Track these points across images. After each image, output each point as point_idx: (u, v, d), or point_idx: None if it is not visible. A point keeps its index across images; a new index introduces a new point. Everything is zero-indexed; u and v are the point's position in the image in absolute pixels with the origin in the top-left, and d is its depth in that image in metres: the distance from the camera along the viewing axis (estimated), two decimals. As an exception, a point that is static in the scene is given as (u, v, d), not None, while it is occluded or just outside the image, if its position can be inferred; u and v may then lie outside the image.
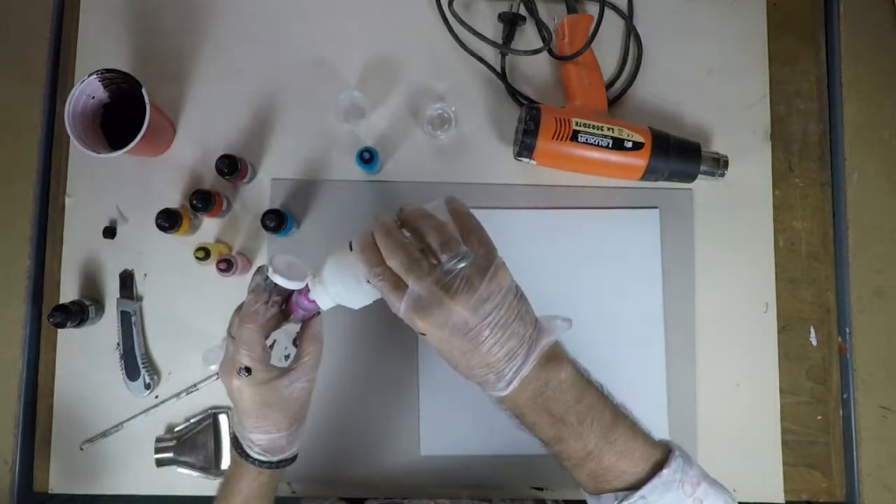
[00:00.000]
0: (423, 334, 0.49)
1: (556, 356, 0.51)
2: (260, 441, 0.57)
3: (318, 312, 0.57)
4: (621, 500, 0.48)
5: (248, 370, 0.54)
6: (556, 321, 0.52)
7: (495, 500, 0.76)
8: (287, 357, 0.76)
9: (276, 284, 0.54)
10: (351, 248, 0.51)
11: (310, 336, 0.58)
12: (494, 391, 0.50)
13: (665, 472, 0.49)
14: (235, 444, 0.60)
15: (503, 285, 0.49)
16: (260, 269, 0.57)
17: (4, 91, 0.79)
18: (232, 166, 0.72)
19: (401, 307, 0.48)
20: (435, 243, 0.48)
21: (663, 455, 0.51)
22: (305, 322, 0.58)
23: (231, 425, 0.61)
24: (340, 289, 0.53)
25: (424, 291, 0.47)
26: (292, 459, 0.61)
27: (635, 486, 0.49)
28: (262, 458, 0.58)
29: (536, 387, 0.49)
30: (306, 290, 0.54)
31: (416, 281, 0.47)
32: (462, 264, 0.47)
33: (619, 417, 0.51)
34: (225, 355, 0.57)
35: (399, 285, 0.48)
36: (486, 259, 0.49)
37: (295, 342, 0.66)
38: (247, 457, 0.58)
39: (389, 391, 0.76)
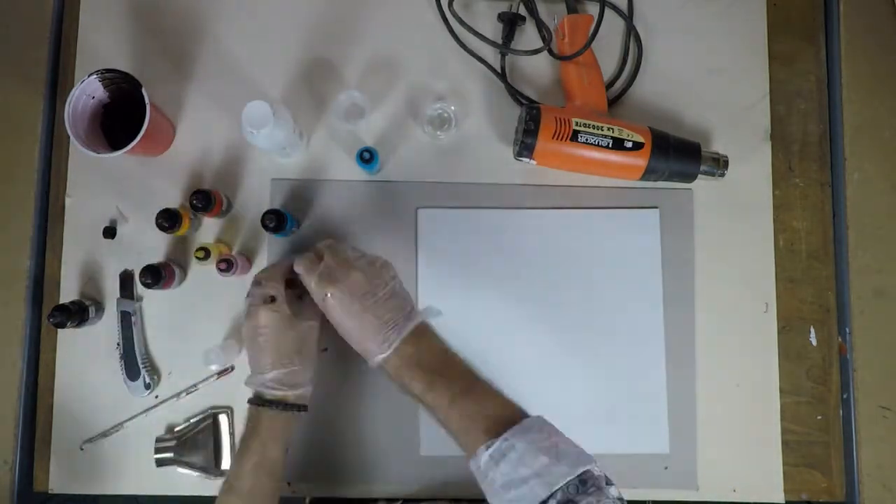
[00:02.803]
0: (328, 295, 0.62)
1: (426, 330, 0.65)
2: (277, 376, 0.64)
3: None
4: (489, 447, 0.55)
5: (274, 299, 0.65)
6: (430, 308, 0.68)
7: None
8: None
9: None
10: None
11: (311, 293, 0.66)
12: (380, 353, 0.62)
13: (525, 420, 0.57)
14: (251, 400, 0.66)
15: (389, 273, 0.65)
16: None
17: (4, 91, 0.79)
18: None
19: (313, 276, 0.63)
20: (344, 247, 0.66)
21: (520, 409, 0.60)
22: None
23: (247, 384, 0.67)
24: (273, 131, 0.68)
25: (335, 263, 0.63)
26: (303, 408, 0.67)
27: (496, 436, 0.56)
28: (278, 392, 0.64)
29: (410, 351, 0.62)
30: None
31: (332, 255, 0.64)
32: (355, 254, 0.65)
33: (479, 378, 0.63)
34: (251, 299, 0.66)
35: (312, 265, 0.64)
36: (376, 257, 0.66)
37: None
38: (262, 401, 0.64)
39: (390, 391, 0.76)
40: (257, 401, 0.65)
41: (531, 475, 0.53)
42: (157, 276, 0.71)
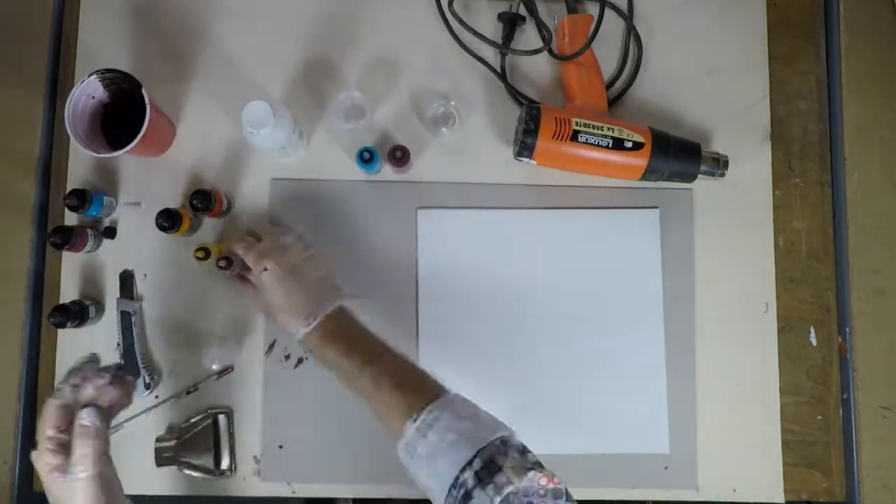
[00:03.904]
0: (265, 269, 0.68)
1: (346, 310, 0.69)
2: None
3: (96, 406, 0.58)
4: (415, 420, 0.57)
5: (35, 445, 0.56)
6: (350, 295, 0.71)
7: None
8: (287, 357, 0.76)
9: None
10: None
11: (78, 432, 0.56)
12: (305, 326, 0.66)
13: (447, 395, 0.60)
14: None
15: (318, 261, 0.73)
16: (89, 362, 0.62)
17: (4, 91, 0.79)
18: (206, 201, 0.72)
19: (252, 252, 0.69)
20: (279, 230, 0.74)
21: (441, 386, 0.61)
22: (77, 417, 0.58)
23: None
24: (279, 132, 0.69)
25: (271, 245, 0.70)
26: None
27: (423, 406, 0.58)
28: None
29: (331, 324, 0.67)
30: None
31: (267, 238, 0.72)
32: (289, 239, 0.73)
33: (398, 355, 0.65)
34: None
35: (250, 244, 0.70)
36: (307, 244, 0.75)
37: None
38: None
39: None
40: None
41: (456, 439, 0.55)
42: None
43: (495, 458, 0.53)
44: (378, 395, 0.61)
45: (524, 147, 0.72)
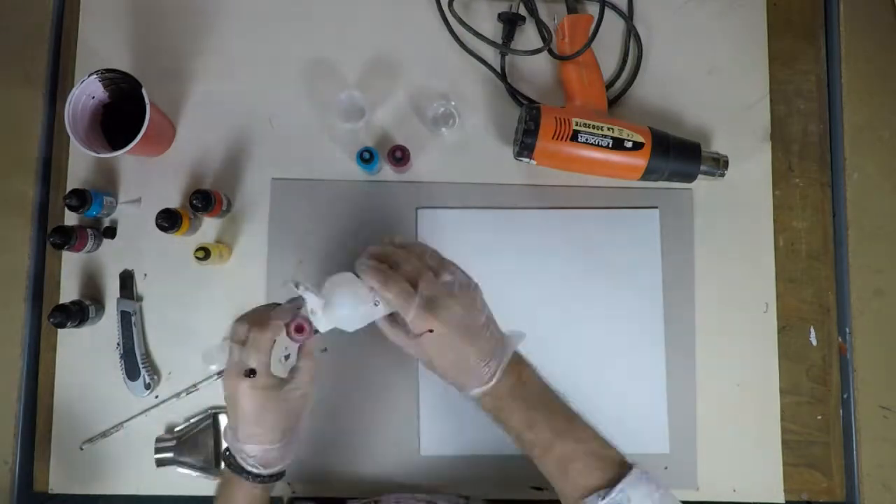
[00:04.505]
0: (429, 331, 0.56)
1: (521, 359, 0.61)
2: (254, 452, 0.59)
3: (316, 331, 0.60)
4: (603, 497, 0.54)
5: (254, 372, 0.57)
6: (516, 332, 0.62)
7: (495, 499, 0.76)
8: (287, 357, 0.76)
9: (300, 309, 0.59)
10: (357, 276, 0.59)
11: (306, 352, 0.62)
12: (480, 387, 0.58)
13: (635, 469, 0.56)
14: (228, 460, 0.62)
15: (482, 298, 0.61)
16: (296, 300, 0.60)
17: (4, 91, 0.79)
18: (206, 201, 0.72)
19: (412, 308, 0.56)
20: (434, 263, 0.60)
21: (621, 455, 0.58)
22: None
23: (225, 439, 0.62)
24: (346, 311, 0.58)
25: (433, 292, 0.57)
26: (282, 474, 0.64)
27: (608, 485, 0.55)
28: (255, 470, 0.60)
29: (510, 381, 0.59)
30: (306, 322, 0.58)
31: (427, 284, 0.57)
32: (450, 277, 0.59)
33: (578, 416, 0.60)
34: (230, 360, 0.59)
35: (408, 294, 0.56)
36: (466, 278, 0.61)
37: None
38: (240, 471, 0.60)
39: (389, 391, 0.76)
40: (233, 464, 0.61)
41: None
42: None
43: None
44: (551, 455, 0.58)
45: (524, 147, 0.72)
